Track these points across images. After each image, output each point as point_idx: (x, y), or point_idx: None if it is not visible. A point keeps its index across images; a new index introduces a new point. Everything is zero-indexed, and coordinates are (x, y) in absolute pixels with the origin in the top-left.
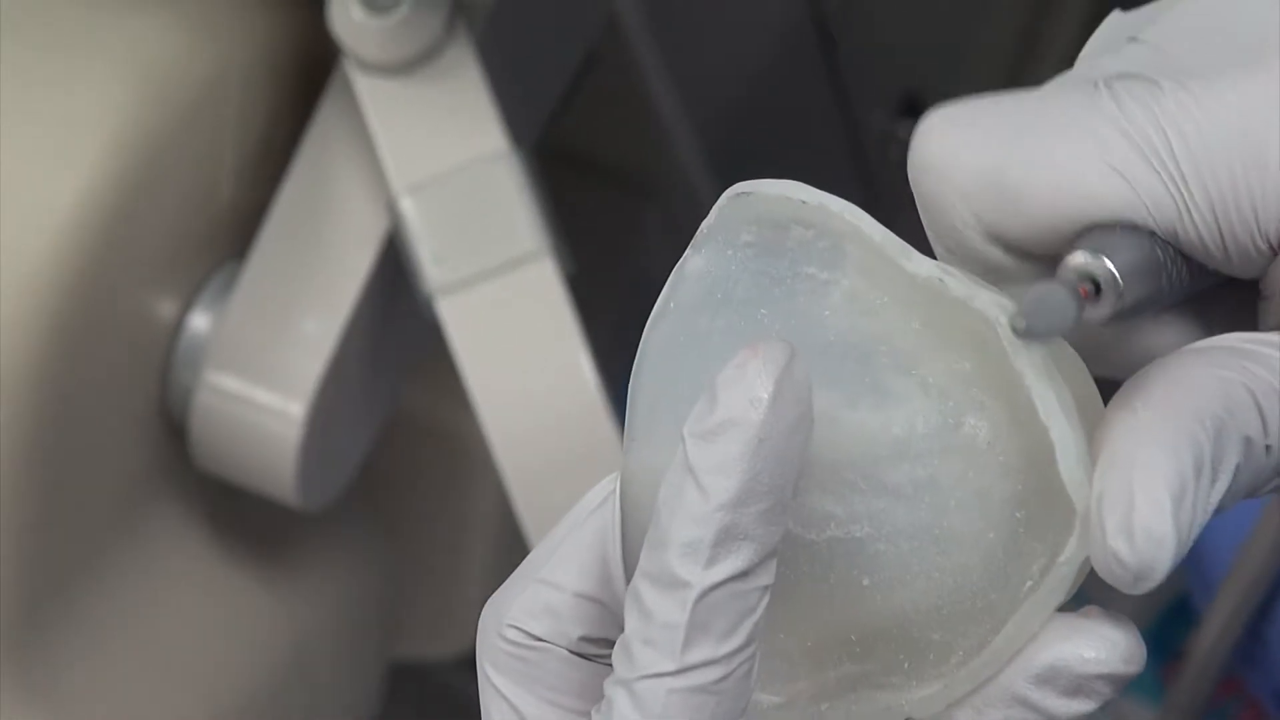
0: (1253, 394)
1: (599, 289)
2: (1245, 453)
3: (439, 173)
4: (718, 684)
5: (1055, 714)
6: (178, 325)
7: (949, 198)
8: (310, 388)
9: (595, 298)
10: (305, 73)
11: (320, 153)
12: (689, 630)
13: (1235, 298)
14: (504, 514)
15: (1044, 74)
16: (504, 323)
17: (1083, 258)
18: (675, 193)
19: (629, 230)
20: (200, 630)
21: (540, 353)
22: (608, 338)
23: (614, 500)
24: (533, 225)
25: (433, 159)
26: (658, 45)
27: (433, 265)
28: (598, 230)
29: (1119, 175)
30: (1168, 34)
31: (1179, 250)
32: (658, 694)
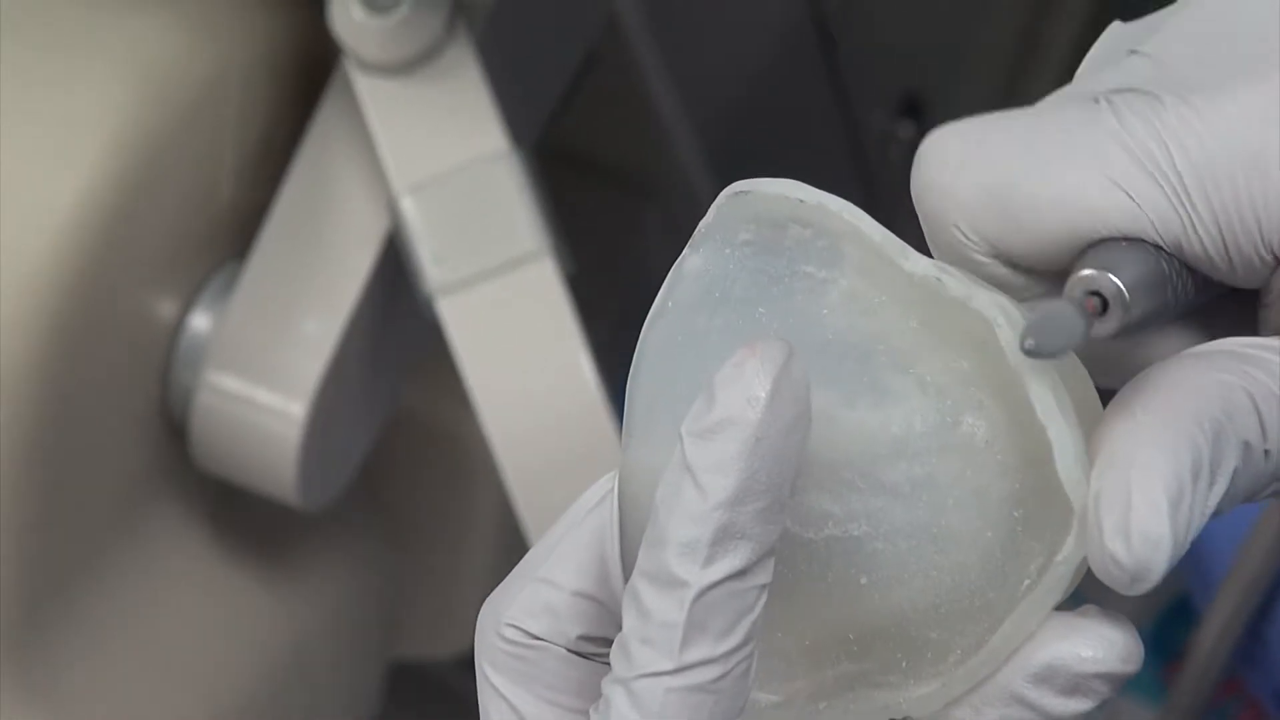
0: (1252, 398)
1: (599, 289)
2: (1244, 457)
3: (439, 173)
4: (715, 683)
5: (1053, 713)
6: (178, 325)
7: (952, 215)
8: (310, 388)
9: (595, 298)
10: (305, 73)
11: (320, 153)
12: (687, 629)
13: (1238, 308)
14: (504, 514)
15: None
16: (504, 323)
17: (1089, 274)
18: (675, 193)
19: (629, 230)
20: (200, 630)
21: (540, 353)
22: (608, 338)
23: (612, 499)
24: (533, 225)
25: (433, 159)
26: (658, 45)
27: (433, 265)
28: (598, 230)
29: (1122, 190)
30: (1168, 46)
31: (1183, 263)
32: (655, 693)
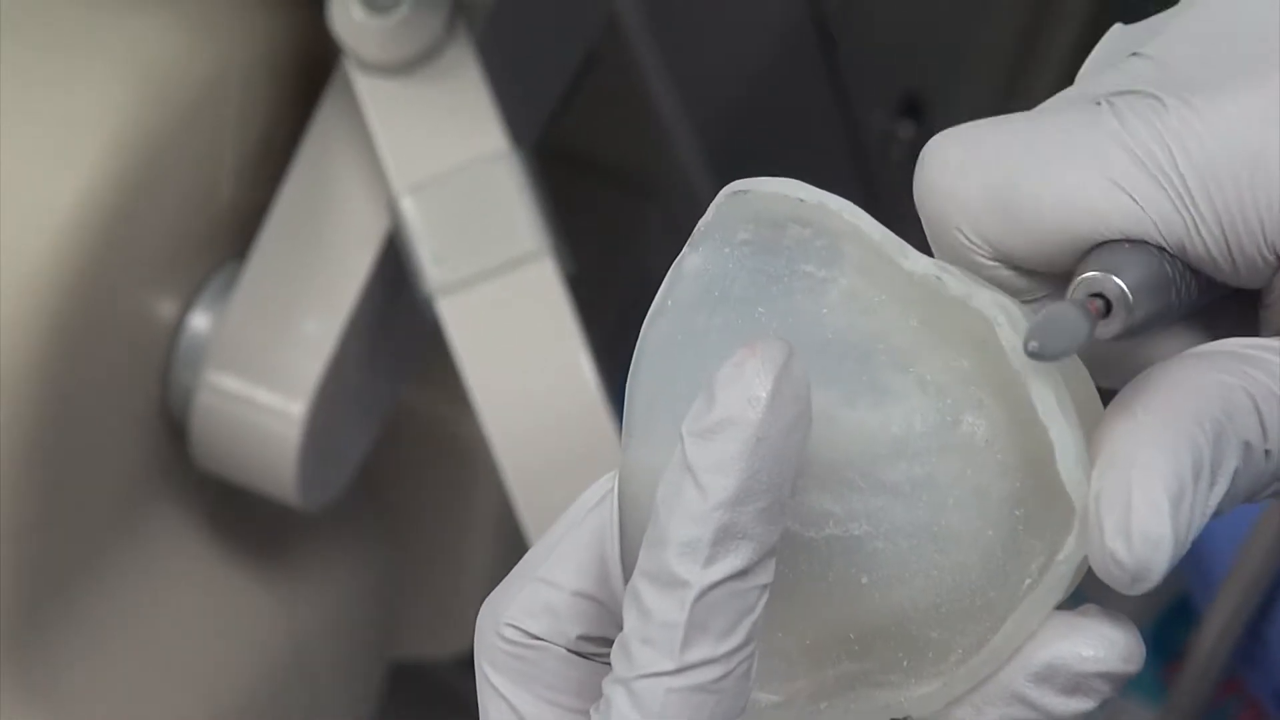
0: (1253, 399)
1: (599, 289)
2: (1244, 457)
3: (439, 173)
4: (716, 683)
5: (1054, 712)
6: (178, 325)
7: (955, 218)
8: (310, 388)
9: (595, 298)
10: (305, 73)
11: (320, 153)
12: (688, 629)
13: (1239, 308)
14: (504, 514)
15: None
16: (504, 323)
17: (1092, 276)
18: (675, 193)
19: (629, 230)
20: (200, 630)
21: (540, 353)
22: (608, 338)
23: (612, 499)
24: (533, 225)
25: (433, 159)
26: (658, 45)
27: (433, 265)
28: (598, 230)
29: (1124, 192)
30: (1170, 47)
31: (1186, 264)
32: (656, 693)
